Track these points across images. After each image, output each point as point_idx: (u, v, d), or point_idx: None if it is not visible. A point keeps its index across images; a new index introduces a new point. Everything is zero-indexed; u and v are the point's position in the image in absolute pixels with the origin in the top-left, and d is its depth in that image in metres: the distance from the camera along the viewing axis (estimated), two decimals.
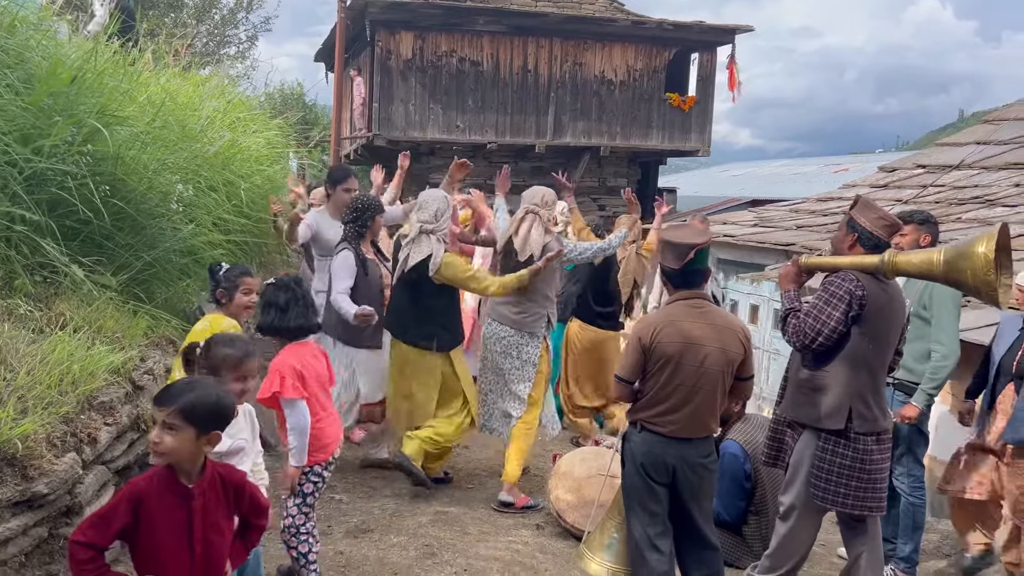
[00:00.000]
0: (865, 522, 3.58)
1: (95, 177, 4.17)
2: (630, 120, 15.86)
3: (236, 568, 2.48)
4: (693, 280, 3.41)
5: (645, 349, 3.33)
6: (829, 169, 24.15)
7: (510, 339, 4.97)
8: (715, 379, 3.31)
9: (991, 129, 9.98)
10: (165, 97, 5.53)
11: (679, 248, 3.35)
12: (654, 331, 3.32)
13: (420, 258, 4.69)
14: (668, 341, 3.30)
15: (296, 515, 3.40)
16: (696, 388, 3.29)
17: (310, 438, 3.31)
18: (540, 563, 4.14)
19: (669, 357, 3.29)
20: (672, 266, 3.38)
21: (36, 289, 3.75)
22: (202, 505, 2.25)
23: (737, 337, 3.36)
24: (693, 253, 3.33)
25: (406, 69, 14.67)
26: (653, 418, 3.34)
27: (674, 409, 3.31)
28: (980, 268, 3.14)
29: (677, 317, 3.35)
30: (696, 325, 3.32)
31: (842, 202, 9.65)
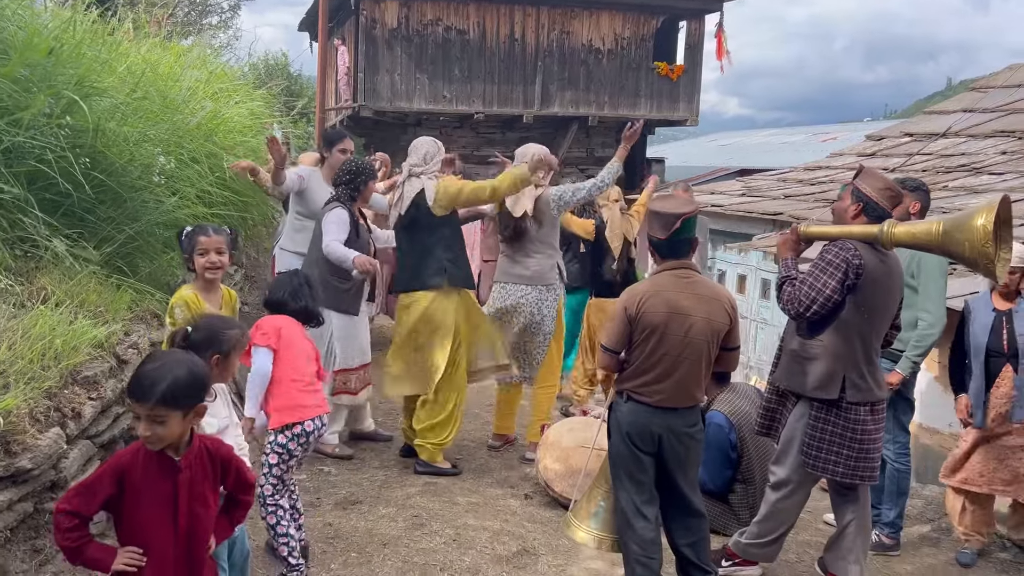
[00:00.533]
0: (856, 490, 3.61)
1: (75, 149, 4.11)
2: (618, 89, 15.75)
3: (220, 542, 2.47)
4: (680, 250, 3.40)
5: (631, 319, 3.32)
6: (817, 138, 24.12)
7: (528, 296, 5.02)
8: (700, 349, 3.31)
9: (978, 97, 9.97)
10: (146, 68, 5.45)
11: (666, 218, 3.34)
12: (640, 301, 3.32)
13: (414, 194, 4.68)
14: (653, 311, 3.29)
15: (264, 485, 3.34)
16: (681, 358, 3.29)
17: (279, 396, 3.30)
18: (528, 532, 4.17)
19: (655, 327, 3.29)
20: (659, 236, 3.37)
21: (16, 263, 3.70)
22: (188, 478, 2.24)
23: (723, 307, 3.36)
24: (680, 223, 3.31)
25: (391, 38, 14.50)
26: (639, 388, 3.35)
27: (660, 379, 3.31)
28: (978, 240, 3.12)
29: (663, 287, 3.34)
30: (682, 295, 3.31)
31: (830, 171, 9.64)
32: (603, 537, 3.69)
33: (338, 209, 4.73)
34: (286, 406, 3.32)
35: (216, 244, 3.42)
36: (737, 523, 4.34)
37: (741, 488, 4.44)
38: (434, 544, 3.95)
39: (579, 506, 4.05)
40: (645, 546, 3.36)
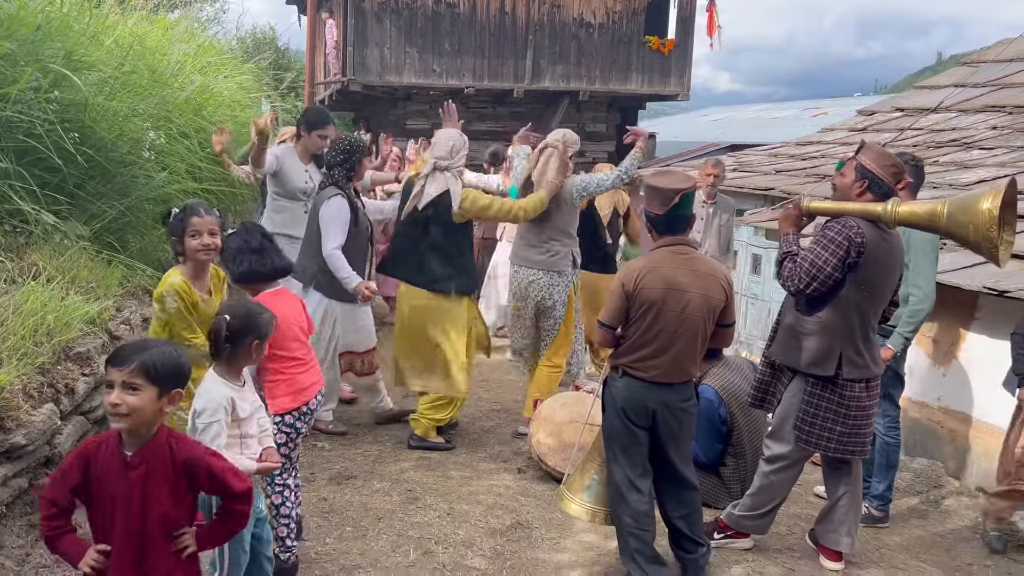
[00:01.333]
0: (849, 464, 3.65)
1: (64, 124, 4.07)
2: (609, 63, 15.65)
3: (203, 550, 2.30)
4: (677, 226, 3.40)
5: (628, 295, 3.33)
6: (808, 113, 24.08)
7: (539, 281, 5.05)
8: (696, 325, 3.32)
9: (969, 71, 9.96)
10: (133, 41, 5.38)
11: (664, 193, 3.33)
12: (637, 277, 3.32)
13: (437, 193, 4.58)
14: (651, 287, 3.30)
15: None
16: (678, 334, 3.31)
17: (283, 383, 3.23)
18: (522, 506, 4.20)
19: (652, 303, 3.30)
20: (657, 212, 3.36)
21: (6, 239, 3.68)
22: (142, 475, 2.12)
23: (719, 283, 3.37)
24: (679, 198, 3.31)
25: (380, 11, 14.35)
26: (635, 363, 3.36)
27: (656, 354, 3.33)
28: (983, 224, 3.12)
29: (660, 263, 3.34)
30: (679, 271, 3.32)
31: (821, 146, 9.64)
32: (596, 510, 3.72)
33: (337, 199, 4.59)
34: (290, 391, 3.25)
35: (209, 225, 3.25)
36: (728, 496, 4.38)
37: (732, 461, 4.48)
38: (428, 518, 3.97)
39: (572, 479, 4.08)
40: (638, 518, 3.40)
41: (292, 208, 5.17)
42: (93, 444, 2.14)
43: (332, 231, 4.55)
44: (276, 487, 3.28)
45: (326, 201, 4.60)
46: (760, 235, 7.84)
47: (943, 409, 5.32)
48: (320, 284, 4.70)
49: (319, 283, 4.70)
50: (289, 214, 5.16)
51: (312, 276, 4.69)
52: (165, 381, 2.10)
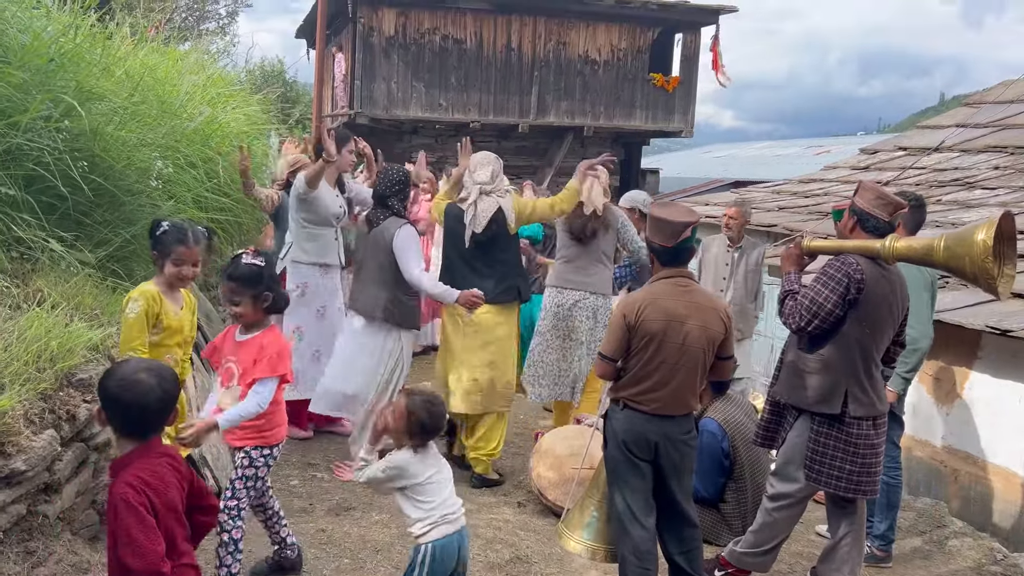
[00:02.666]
0: (854, 503, 3.62)
1: (73, 153, 4.11)
2: (614, 100, 15.81)
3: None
4: (681, 258, 3.42)
5: (630, 327, 3.33)
6: (811, 151, 24.25)
7: (584, 302, 5.18)
8: (696, 357, 3.32)
9: (971, 112, 10.05)
10: (144, 72, 5.45)
11: (673, 226, 3.34)
12: (639, 309, 3.33)
13: (491, 212, 4.76)
14: (652, 319, 3.31)
15: (243, 496, 3.20)
16: (678, 366, 3.31)
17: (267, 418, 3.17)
18: (522, 540, 4.17)
19: (653, 335, 3.30)
20: (665, 244, 3.38)
21: (12, 265, 3.70)
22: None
23: (719, 316, 3.37)
24: (688, 231, 3.34)
25: (388, 46, 14.54)
26: (636, 396, 3.36)
27: (656, 387, 3.32)
28: (978, 255, 3.13)
29: (661, 295, 3.36)
30: (680, 303, 3.33)
31: (824, 183, 9.69)
32: (596, 547, 3.69)
33: (407, 227, 4.75)
34: (269, 427, 3.22)
35: (194, 257, 3.29)
36: (729, 532, 4.34)
37: (733, 497, 4.45)
38: None
39: (571, 516, 4.05)
40: (641, 556, 3.37)
41: (325, 235, 5.18)
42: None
43: (411, 258, 4.68)
44: (238, 522, 3.18)
45: (397, 231, 4.70)
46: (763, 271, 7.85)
47: (946, 448, 5.29)
48: (392, 315, 4.77)
49: (390, 314, 4.76)
50: (323, 242, 5.17)
51: (384, 307, 4.75)
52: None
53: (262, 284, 3.18)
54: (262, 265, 3.19)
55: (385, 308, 4.74)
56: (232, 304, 3.20)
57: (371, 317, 4.79)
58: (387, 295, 4.74)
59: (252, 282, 3.16)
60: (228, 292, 3.20)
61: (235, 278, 3.16)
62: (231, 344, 3.25)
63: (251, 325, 3.22)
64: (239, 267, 3.16)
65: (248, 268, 3.15)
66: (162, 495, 2.16)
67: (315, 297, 5.18)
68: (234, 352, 3.21)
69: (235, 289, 3.17)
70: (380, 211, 4.83)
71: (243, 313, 3.18)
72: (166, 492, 2.18)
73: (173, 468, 2.25)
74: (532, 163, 16.08)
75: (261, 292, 3.17)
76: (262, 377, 3.09)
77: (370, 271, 4.81)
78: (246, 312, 3.17)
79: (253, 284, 3.16)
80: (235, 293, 3.17)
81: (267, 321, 3.25)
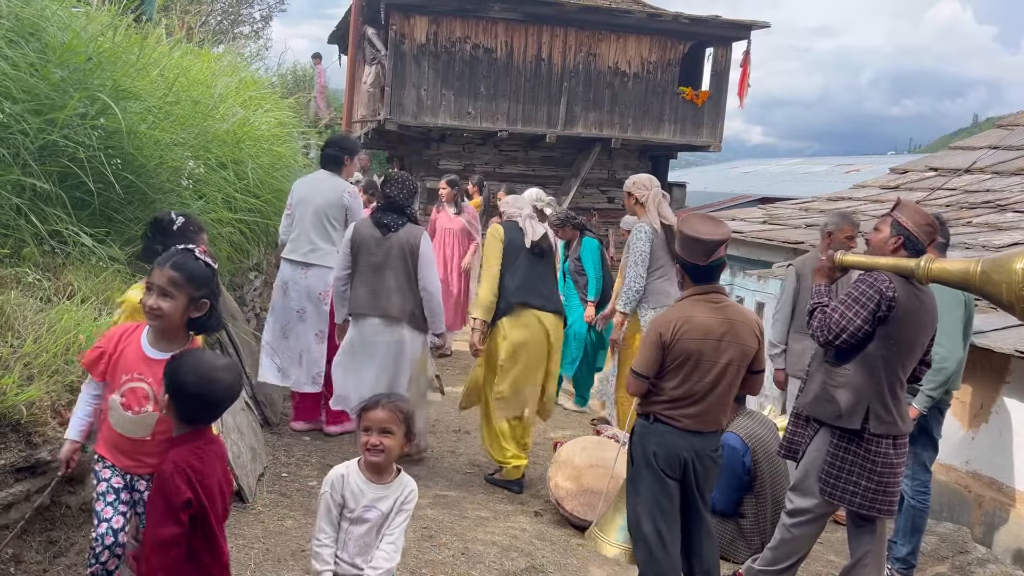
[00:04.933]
0: (873, 522, 3.58)
1: (107, 150, 4.17)
2: (642, 113, 15.80)
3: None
4: (714, 275, 3.40)
5: (665, 345, 3.30)
6: (840, 169, 24.08)
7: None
8: (732, 374, 3.33)
9: (1004, 134, 9.92)
10: (179, 73, 5.52)
11: (707, 244, 3.31)
12: (674, 327, 3.30)
13: (542, 232, 5.00)
14: (689, 338, 3.28)
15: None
16: (714, 383, 3.30)
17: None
18: (537, 549, 4.16)
19: (689, 354, 3.28)
20: (698, 263, 3.35)
21: (44, 258, 3.76)
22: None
23: (752, 330, 3.38)
24: (723, 249, 3.33)
25: (419, 54, 14.63)
26: (668, 411, 3.34)
27: (691, 403, 3.31)
28: (1016, 284, 3.08)
29: (696, 312, 3.33)
30: (715, 320, 3.32)
31: (852, 202, 9.61)
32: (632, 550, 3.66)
33: (427, 237, 4.89)
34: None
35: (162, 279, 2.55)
36: (747, 548, 4.31)
37: (753, 512, 4.41)
38: (443, 556, 3.94)
39: (605, 519, 4.02)
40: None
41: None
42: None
43: (432, 268, 4.86)
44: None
45: (423, 239, 4.84)
46: None
47: (971, 474, 5.21)
48: (416, 320, 4.86)
49: (415, 319, 4.86)
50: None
51: (411, 313, 4.83)
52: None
53: (207, 288, 2.61)
54: (214, 266, 2.66)
55: (412, 314, 4.81)
56: (161, 295, 2.54)
57: (393, 322, 4.82)
58: (413, 301, 4.81)
59: (199, 281, 2.59)
60: (164, 281, 2.54)
61: (181, 268, 2.56)
62: (138, 357, 2.60)
63: (169, 336, 2.60)
64: (189, 259, 2.60)
65: (198, 263, 2.60)
66: (204, 478, 2.35)
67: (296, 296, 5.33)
68: (145, 370, 2.57)
69: (176, 280, 2.54)
70: (396, 216, 4.87)
71: (167, 314, 2.54)
72: (208, 476, 2.37)
73: (219, 456, 2.44)
74: (558, 173, 16.11)
75: (202, 296, 2.59)
76: None
77: (392, 277, 4.81)
78: (172, 314, 2.55)
79: (199, 283, 2.58)
80: (174, 285, 2.54)
81: (188, 336, 2.66)
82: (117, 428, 2.59)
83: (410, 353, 4.87)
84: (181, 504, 2.29)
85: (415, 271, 4.79)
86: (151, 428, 2.57)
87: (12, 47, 3.91)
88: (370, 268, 4.86)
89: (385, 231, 4.85)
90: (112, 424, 2.60)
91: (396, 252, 4.81)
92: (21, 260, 3.61)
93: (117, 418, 2.58)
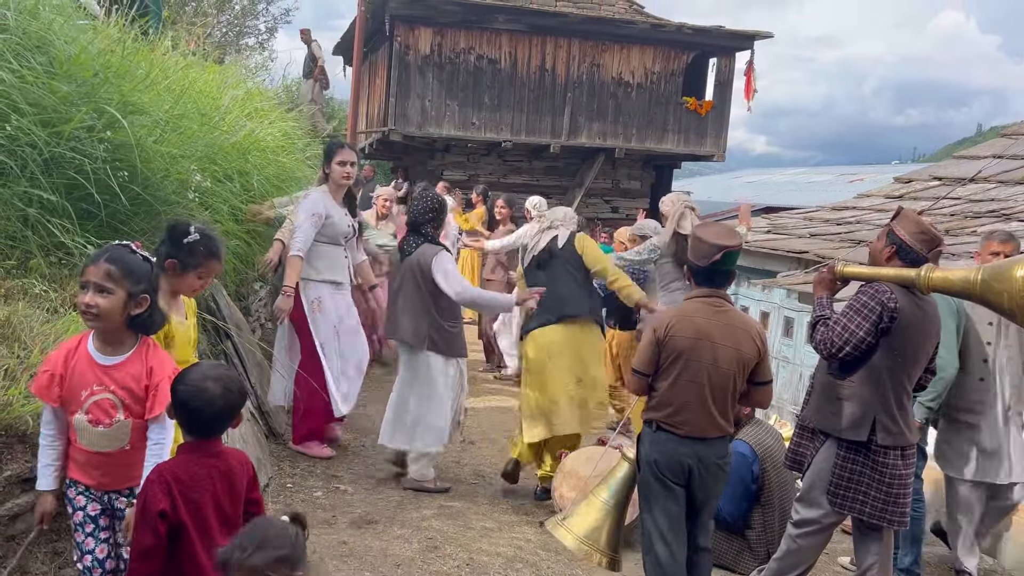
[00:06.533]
0: (880, 531, 3.57)
1: (114, 163, 4.20)
2: (646, 123, 15.83)
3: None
4: (716, 280, 3.44)
5: (659, 341, 3.37)
6: (844, 179, 24.09)
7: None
8: (727, 377, 3.34)
9: (1009, 143, 9.92)
10: (185, 85, 5.56)
11: (707, 248, 3.37)
12: (668, 325, 3.37)
13: (548, 240, 4.99)
14: (681, 335, 3.34)
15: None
16: (708, 385, 3.33)
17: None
18: (542, 560, 4.15)
19: (680, 351, 3.33)
20: (698, 263, 3.41)
21: (51, 270, 3.77)
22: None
23: (752, 338, 3.38)
24: (721, 255, 3.35)
25: (424, 64, 14.70)
26: (668, 417, 3.38)
27: (686, 406, 3.35)
28: (1017, 292, 3.08)
29: (692, 313, 3.39)
30: (711, 322, 3.35)
31: (857, 211, 9.61)
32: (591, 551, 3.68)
33: (444, 253, 4.82)
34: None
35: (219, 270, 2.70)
36: (754, 560, 4.30)
37: (760, 523, 4.40)
38: (447, 568, 3.94)
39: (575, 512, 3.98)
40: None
41: (334, 253, 5.13)
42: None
43: (454, 278, 4.75)
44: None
45: (435, 258, 4.75)
46: (793, 298, 7.81)
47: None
48: (436, 344, 4.79)
49: (434, 343, 4.78)
50: (332, 260, 5.12)
51: (427, 337, 4.77)
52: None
53: (146, 283, 2.44)
54: (152, 261, 2.50)
55: (429, 338, 4.76)
56: (98, 292, 2.37)
57: (414, 347, 4.81)
58: (428, 323, 4.75)
59: (137, 276, 2.41)
60: (100, 276, 2.37)
61: (117, 261, 2.39)
62: (92, 368, 2.45)
63: (113, 338, 2.47)
64: (125, 253, 2.43)
65: (135, 257, 2.43)
66: (189, 491, 2.24)
67: (330, 312, 5.10)
68: (104, 379, 2.44)
69: (112, 274, 2.37)
70: (413, 238, 4.87)
71: (105, 311, 2.37)
72: (193, 489, 2.25)
73: (222, 473, 2.32)
74: (562, 183, 16.14)
75: (140, 292, 2.42)
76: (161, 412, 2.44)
77: (408, 300, 4.81)
78: (110, 311, 2.38)
79: (137, 278, 2.41)
80: (110, 279, 2.37)
81: (135, 336, 2.50)
82: (90, 447, 2.47)
83: (439, 379, 4.80)
84: (155, 514, 2.18)
85: (433, 292, 4.73)
86: (128, 437, 2.47)
87: (19, 59, 3.95)
88: (392, 293, 4.98)
89: (403, 255, 4.92)
90: (84, 446, 2.48)
91: (408, 275, 4.82)
92: (28, 271, 3.63)
93: (89, 437, 2.46)
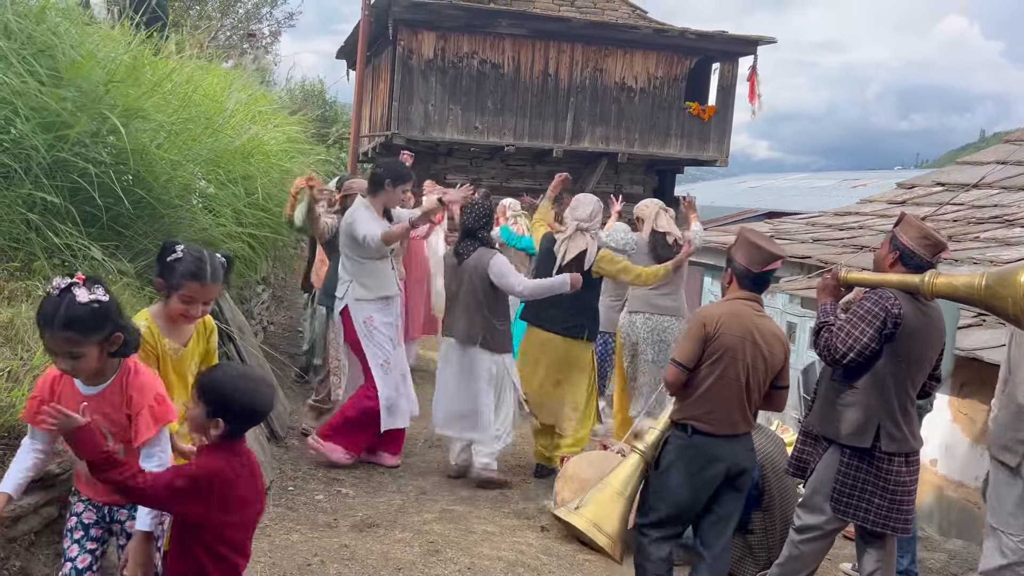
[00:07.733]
0: (883, 537, 3.56)
1: (118, 166, 4.21)
2: (649, 127, 15.84)
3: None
4: (762, 285, 3.55)
5: (707, 337, 3.43)
6: (847, 184, 24.06)
7: (671, 326, 5.80)
8: (759, 378, 3.44)
9: (1012, 149, 9.91)
10: (190, 89, 5.57)
11: (764, 255, 3.47)
12: (718, 320, 3.43)
13: (576, 252, 5.13)
14: (730, 333, 3.41)
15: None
16: (743, 384, 3.41)
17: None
18: (544, 565, 4.15)
19: (727, 348, 3.40)
20: (751, 268, 3.49)
21: (54, 272, 3.78)
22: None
23: (782, 344, 3.51)
24: (778, 264, 3.49)
25: (427, 69, 14.71)
26: (703, 416, 3.44)
27: (722, 405, 3.42)
28: (1021, 297, 3.08)
29: (740, 312, 3.47)
30: (754, 324, 3.45)
31: (859, 216, 9.60)
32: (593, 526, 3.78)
33: (498, 255, 5.05)
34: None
35: (209, 295, 2.66)
36: (755, 565, 4.29)
37: (761, 528, 4.39)
38: (448, 571, 3.94)
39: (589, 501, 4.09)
40: None
41: (382, 267, 5.10)
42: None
43: (511, 277, 4.98)
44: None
45: (491, 260, 4.98)
46: (796, 303, 7.80)
47: (980, 490, 5.18)
48: (487, 342, 5.02)
49: (487, 341, 5.01)
50: (382, 275, 5.09)
51: (482, 337, 5.00)
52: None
53: (109, 323, 2.29)
54: (105, 299, 2.29)
55: (483, 337, 5.00)
56: (68, 358, 2.28)
57: (468, 345, 5.04)
58: (482, 323, 4.98)
59: (97, 325, 2.26)
60: (63, 344, 2.25)
61: (72, 325, 2.22)
62: (74, 398, 2.36)
63: (96, 373, 2.38)
64: (74, 308, 2.22)
65: (87, 308, 2.24)
66: (228, 486, 2.28)
67: (383, 328, 5.09)
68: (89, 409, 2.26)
69: (74, 340, 2.24)
70: (469, 243, 5.07)
71: (84, 369, 2.32)
72: (232, 484, 2.29)
73: (248, 466, 2.38)
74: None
75: (109, 334, 2.30)
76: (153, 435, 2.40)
77: (465, 301, 5.04)
78: (89, 366, 2.32)
79: (98, 327, 2.27)
80: (74, 344, 2.25)
81: (116, 363, 2.41)
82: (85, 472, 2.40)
83: (485, 373, 5.04)
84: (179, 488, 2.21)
85: (487, 293, 4.97)
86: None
87: (24, 64, 3.96)
88: (451, 296, 5.19)
89: (460, 260, 5.09)
90: (81, 470, 2.46)
91: (466, 278, 5.03)
92: (31, 274, 3.65)
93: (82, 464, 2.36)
